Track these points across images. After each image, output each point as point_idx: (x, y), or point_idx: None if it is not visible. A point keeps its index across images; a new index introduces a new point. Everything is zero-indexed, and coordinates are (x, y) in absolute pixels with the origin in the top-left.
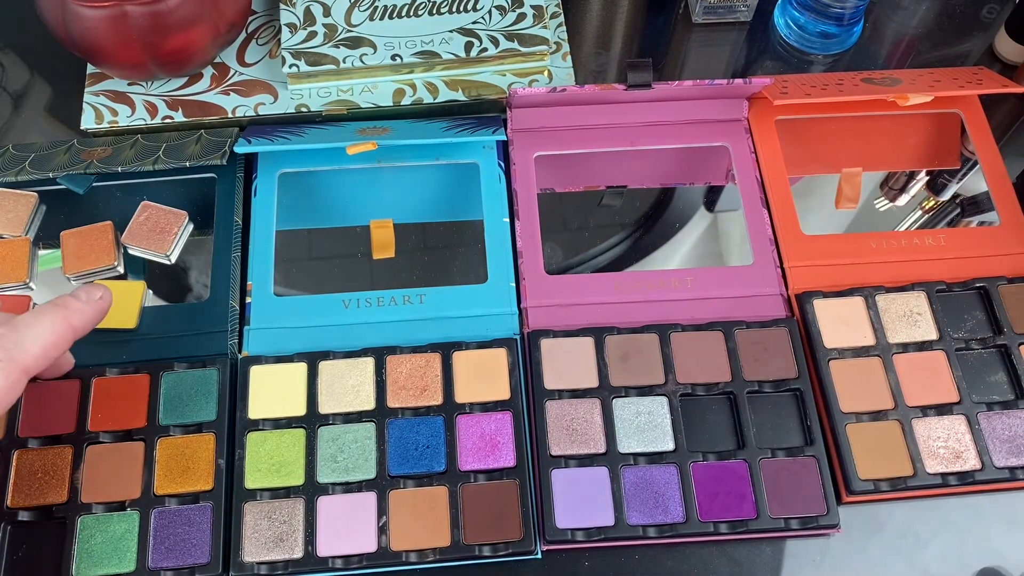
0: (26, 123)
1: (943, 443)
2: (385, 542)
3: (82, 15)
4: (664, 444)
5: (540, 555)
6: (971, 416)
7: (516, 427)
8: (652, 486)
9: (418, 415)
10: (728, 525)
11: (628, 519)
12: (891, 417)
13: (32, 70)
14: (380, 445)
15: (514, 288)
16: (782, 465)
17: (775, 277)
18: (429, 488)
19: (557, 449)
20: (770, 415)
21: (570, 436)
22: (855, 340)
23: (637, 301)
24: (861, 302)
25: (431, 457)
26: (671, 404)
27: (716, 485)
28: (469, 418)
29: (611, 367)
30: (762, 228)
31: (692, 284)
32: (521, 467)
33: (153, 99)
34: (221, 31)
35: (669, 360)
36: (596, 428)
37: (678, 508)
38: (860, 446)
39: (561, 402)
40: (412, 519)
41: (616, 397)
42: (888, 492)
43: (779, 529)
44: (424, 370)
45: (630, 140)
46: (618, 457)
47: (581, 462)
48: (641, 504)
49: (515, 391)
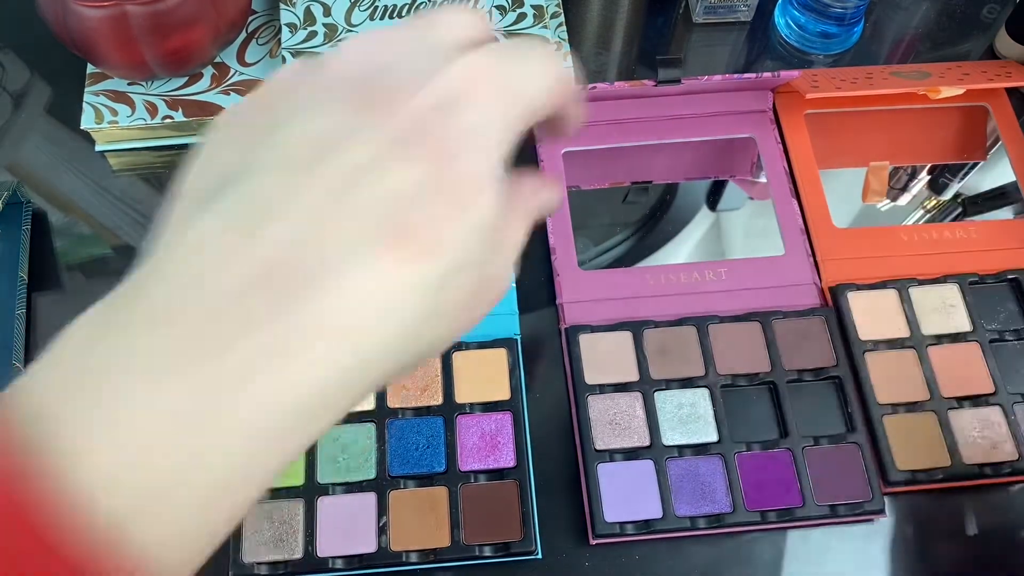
0: (26, 123)
1: (979, 434)
2: (385, 542)
3: (82, 15)
4: (708, 435)
5: (540, 555)
6: (1007, 407)
7: (516, 427)
8: (698, 477)
9: (418, 415)
10: (776, 514)
11: (676, 511)
12: (927, 408)
13: (32, 70)
14: (380, 445)
15: (514, 288)
16: (825, 453)
17: (807, 266)
18: (429, 488)
19: (601, 443)
20: (811, 404)
21: (613, 430)
22: (890, 332)
23: (671, 294)
24: (895, 295)
25: (431, 457)
26: (712, 395)
27: (761, 474)
28: (469, 418)
29: (651, 360)
30: (792, 218)
31: (726, 276)
32: (521, 467)
33: (153, 99)
34: (221, 31)
35: (708, 352)
36: (639, 421)
37: (725, 498)
38: (897, 437)
39: (603, 396)
40: (412, 519)
41: (657, 390)
42: (926, 483)
43: (825, 516)
44: (424, 370)
45: (657, 134)
46: (663, 450)
47: (626, 456)
48: (688, 496)
49: (515, 391)
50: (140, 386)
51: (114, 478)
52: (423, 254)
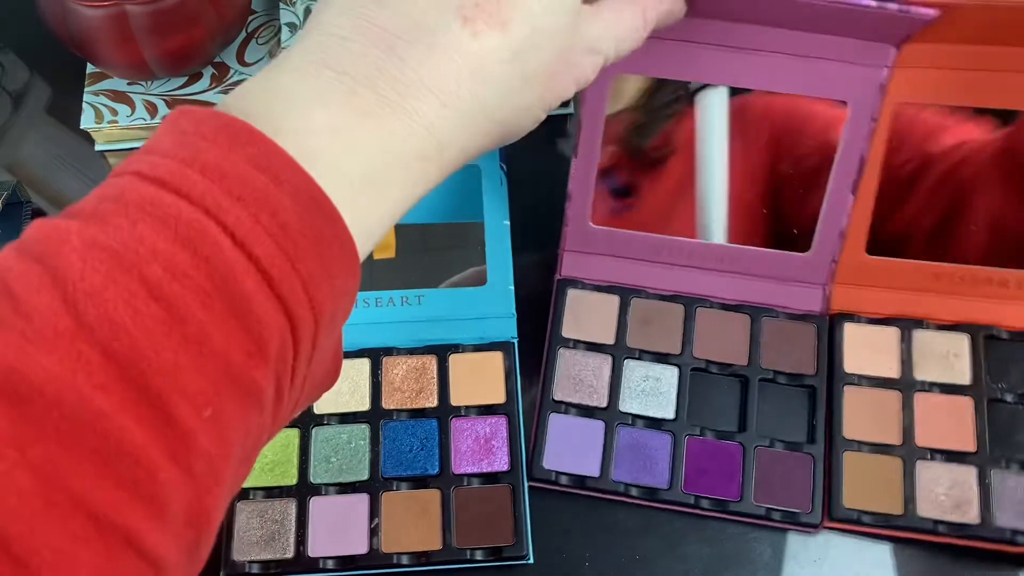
0: (26, 123)
1: (944, 491)
2: (376, 544)
3: (82, 14)
4: (665, 412)
5: (532, 560)
6: (984, 469)
7: (511, 431)
8: (644, 449)
9: (413, 417)
10: (709, 502)
11: (613, 474)
12: (895, 453)
13: (32, 70)
14: (374, 446)
15: (512, 291)
16: (778, 457)
17: (826, 272)
18: (422, 491)
19: (560, 395)
20: (778, 406)
21: (575, 385)
22: (878, 370)
23: (677, 265)
24: (895, 333)
25: (425, 459)
26: (681, 375)
27: (707, 461)
28: (464, 421)
29: (631, 328)
30: (838, 217)
31: (737, 261)
32: (515, 471)
33: (153, 99)
34: (221, 31)
35: (690, 333)
36: (602, 383)
37: (664, 474)
38: (853, 475)
39: (575, 352)
40: (404, 521)
41: (629, 358)
42: (870, 526)
43: (759, 516)
44: (420, 372)
45: (732, 75)
46: (617, 414)
47: (581, 412)
48: (629, 464)
49: (511, 395)
50: (307, 104)
51: (307, 152)
52: (494, 27)
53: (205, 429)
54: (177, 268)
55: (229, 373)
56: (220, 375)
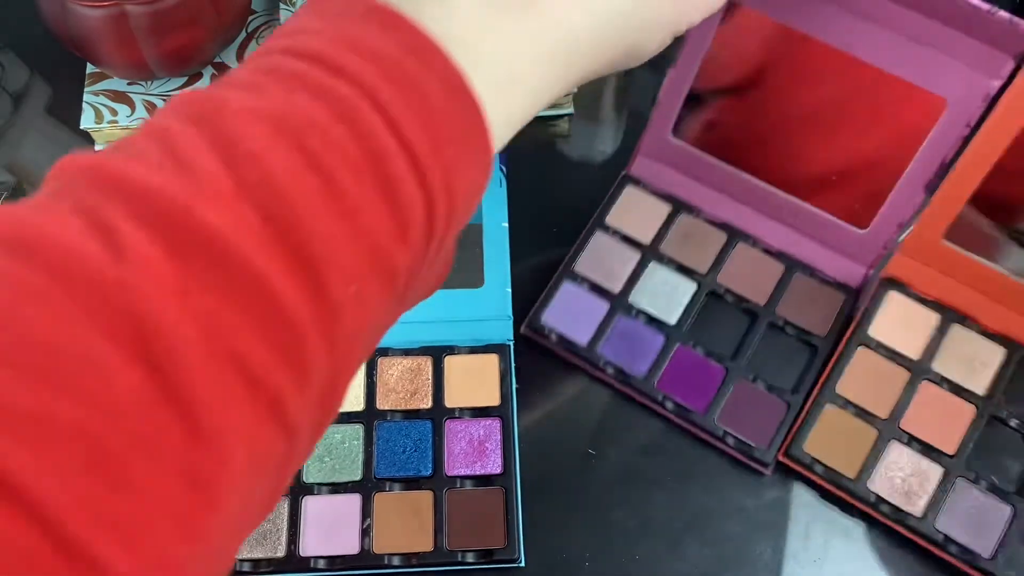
0: (26, 123)
1: (903, 476)
2: (368, 544)
3: (82, 15)
4: (669, 317)
5: (524, 563)
6: (951, 473)
7: (505, 434)
8: (636, 340)
9: (407, 418)
10: (675, 406)
11: (600, 348)
12: (875, 424)
13: (32, 70)
14: (368, 447)
15: (509, 293)
16: (756, 393)
17: (875, 255)
18: (415, 492)
19: (581, 268)
20: (777, 352)
21: (598, 265)
22: (901, 345)
23: (736, 199)
24: (935, 319)
25: (418, 461)
26: (698, 292)
27: (689, 371)
28: (458, 423)
29: (670, 237)
30: (903, 209)
31: (795, 215)
32: (508, 474)
33: (153, 99)
34: (221, 31)
35: (722, 261)
36: (624, 272)
37: (644, 366)
38: (826, 427)
39: (611, 238)
40: (396, 522)
41: (656, 261)
42: (819, 477)
43: (715, 436)
44: (415, 373)
45: (847, 40)
46: (623, 301)
47: (592, 289)
48: (617, 346)
49: (505, 397)
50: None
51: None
52: None
53: (350, 307)
54: (333, 141)
55: (376, 254)
56: (368, 254)
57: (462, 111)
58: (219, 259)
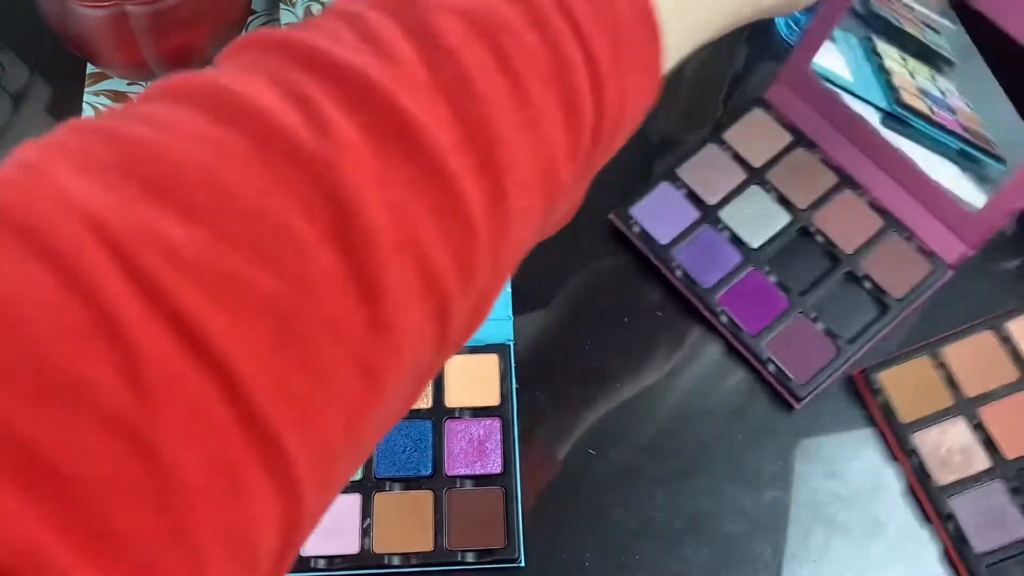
0: (26, 123)
1: (954, 454)
2: (368, 544)
3: (82, 15)
4: (752, 240)
5: (524, 563)
6: (995, 474)
7: (505, 434)
8: (713, 253)
9: (407, 417)
10: (729, 320)
11: (676, 250)
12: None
13: (32, 70)
14: None
15: (509, 294)
16: (812, 332)
17: (980, 238)
18: (415, 492)
19: (684, 175)
20: (846, 300)
21: (700, 178)
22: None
23: (859, 147)
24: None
25: (418, 460)
26: (789, 225)
27: (753, 293)
28: (458, 423)
29: (780, 167)
30: (1019, 198)
31: (912, 179)
32: (508, 474)
33: None
34: (221, 31)
35: (824, 202)
36: (722, 188)
37: (713, 279)
38: (893, 380)
39: (721, 154)
40: (396, 522)
41: (758, 185)
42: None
43: (759, 359)
44: None
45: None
46: (714, 216)
47: (688, 196)
48: (694, 255)
49: (505, 397)
50: None
51: None
52: None
53: (519, 220)
54: (526, 46)
55: (549, 167)
56: (542, 166)
57: (645, 36)
58: (416, 152)
